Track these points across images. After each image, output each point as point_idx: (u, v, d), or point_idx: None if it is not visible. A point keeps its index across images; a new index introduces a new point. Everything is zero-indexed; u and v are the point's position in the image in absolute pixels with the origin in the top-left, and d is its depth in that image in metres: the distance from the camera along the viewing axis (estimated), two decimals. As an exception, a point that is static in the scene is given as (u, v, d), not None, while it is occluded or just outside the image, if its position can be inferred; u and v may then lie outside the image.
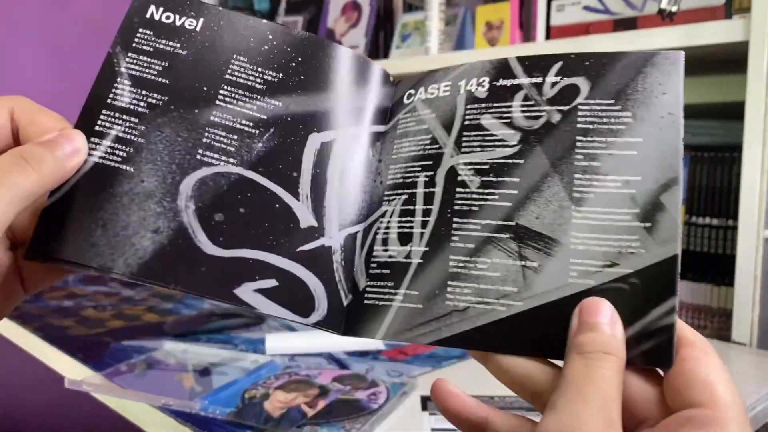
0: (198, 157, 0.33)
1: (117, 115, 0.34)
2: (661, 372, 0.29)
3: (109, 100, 0.34)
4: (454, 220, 0.33)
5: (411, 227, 0.34)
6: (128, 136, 0.33)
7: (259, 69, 0.36)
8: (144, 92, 0.34)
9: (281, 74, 0.36)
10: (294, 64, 0.36)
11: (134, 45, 0.35)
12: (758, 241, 0.79)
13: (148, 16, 0.35)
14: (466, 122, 0.35)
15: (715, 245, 0.91)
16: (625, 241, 0.30)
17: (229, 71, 0.35)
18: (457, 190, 0.33)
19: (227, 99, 0.35)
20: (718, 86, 0.94)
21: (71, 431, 1.37)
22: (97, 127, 0.33)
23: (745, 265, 0.80)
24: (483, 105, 0.35)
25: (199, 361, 0.71)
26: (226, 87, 0.35)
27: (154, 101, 0.34)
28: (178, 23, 0.36)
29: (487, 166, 0.33)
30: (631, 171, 0.31)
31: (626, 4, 0.94)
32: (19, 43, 1.29)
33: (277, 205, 0.34)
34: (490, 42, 1.12)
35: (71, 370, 0.73)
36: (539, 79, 0.34)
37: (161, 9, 0.36)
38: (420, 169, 0.35)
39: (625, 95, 0.32)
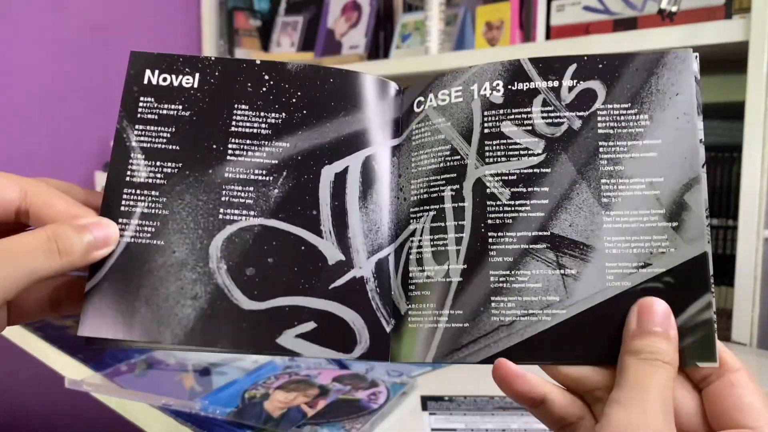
0: (220, 216, 0.34)
1: (138, 191, 0.34)
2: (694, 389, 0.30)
3: (127, 178, 0.34)
4: (489, 234, 0.33)
5: (445, 245, 0.34)
6: (153, 211, 0.34)
7: (262, 114, 0.36)
8: (158, 163, 0.34)
9: (284, 114, 0.36)
10: (294, 100, 0.36)
11: (139, 116, 0.35)
12: (758, 241, 0.79)
13: (146, 82, 0.36)
14: (486, 130, 0.34)
15: (715, 245, 0.90)
16: (656, 242, 0.31)
17: (233, 123, 0.35)
18: (488, 203, 0.33)
19: (237, 152, 0.35)
20: (718, 86, 0.94)
21: (71, 431, 1.37)
22: (122, 208, 0.34)
23: (745, 265, 0.80)
24: (501, 111, 0.34)
25: (199, 360, 0.71)
26: (233, 140, 0.35)
27: (169, 170, 0.34)
28: (176, 83, 0.36)
29: (515, 177, 0.33)
30: (653, 172, 0.32)
31: (626, 4, 0.94)
32: (19, 43, 1.29)
33: (303, 247, 0.34)
34: (490, 42, 1.12)
35: (71, 370, 0.73)
36: (555, 83, 0.34)
37: (157, 72, 0.36)
38: (444, 182, 0.35)
39: (641, 98, 0.32)
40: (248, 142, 0.35)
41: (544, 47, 1.01)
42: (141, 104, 0.35)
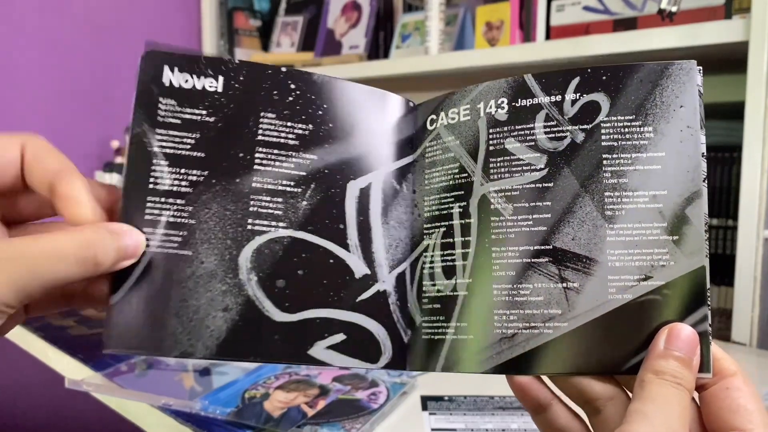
0: (249, 227, 0.33)
1: (163, 199, 0.33)
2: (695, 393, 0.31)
3: (150, 185, 0.33)
4: (493, 249, 0.34)
5: (453, 260, 0.35)
6: (179, 220, 0.33)
7: (289, 123, 0.35)
8: (183, 170, 0.33)
9: (311, 125, 0.35)
10: (321, 113, 0.36)
11: (160, 119, 0.33)
12: (758, 241, 0.79)
13: (165, 82, 0.33)
14: (491, 147, 0.35)
15: (715, 245, 0.91)
16: (657, 255, 0.31)
17: (260, 131, 0.34)
18: (492, 219, 0.34)
19: (264, 162, 0.34)
20: (718, 86, 0.94)
21: (71, 431, 1.37)
22: (146, 216, 0.32)
23: (745, 265, 0.80)
24: (505, 128, 0.35)
25: (199, 360, 0.71)
26: (260, 149, 0.34)
27: (194, 178, 0.33)
28: (199, 87, 0.34)
29: (517, 192, 0.34)
30: (657, 185, 0.32)
31: (626, 4, 0.94)
32: (19, 43, 1.29)
33: (331, 261, 0.35)
34: (490, 42, 1.11)
35: (71, 370, 0.73)
36: (558, 97, 0.34)
37: (177, 71, 0.33)
38: (453, 199, 0.35)
39: (645, 110, 0.32)
40: (275, 152, 0.34)
41: (543, 47, 1.01)
42: (162, 107, 0.33)
